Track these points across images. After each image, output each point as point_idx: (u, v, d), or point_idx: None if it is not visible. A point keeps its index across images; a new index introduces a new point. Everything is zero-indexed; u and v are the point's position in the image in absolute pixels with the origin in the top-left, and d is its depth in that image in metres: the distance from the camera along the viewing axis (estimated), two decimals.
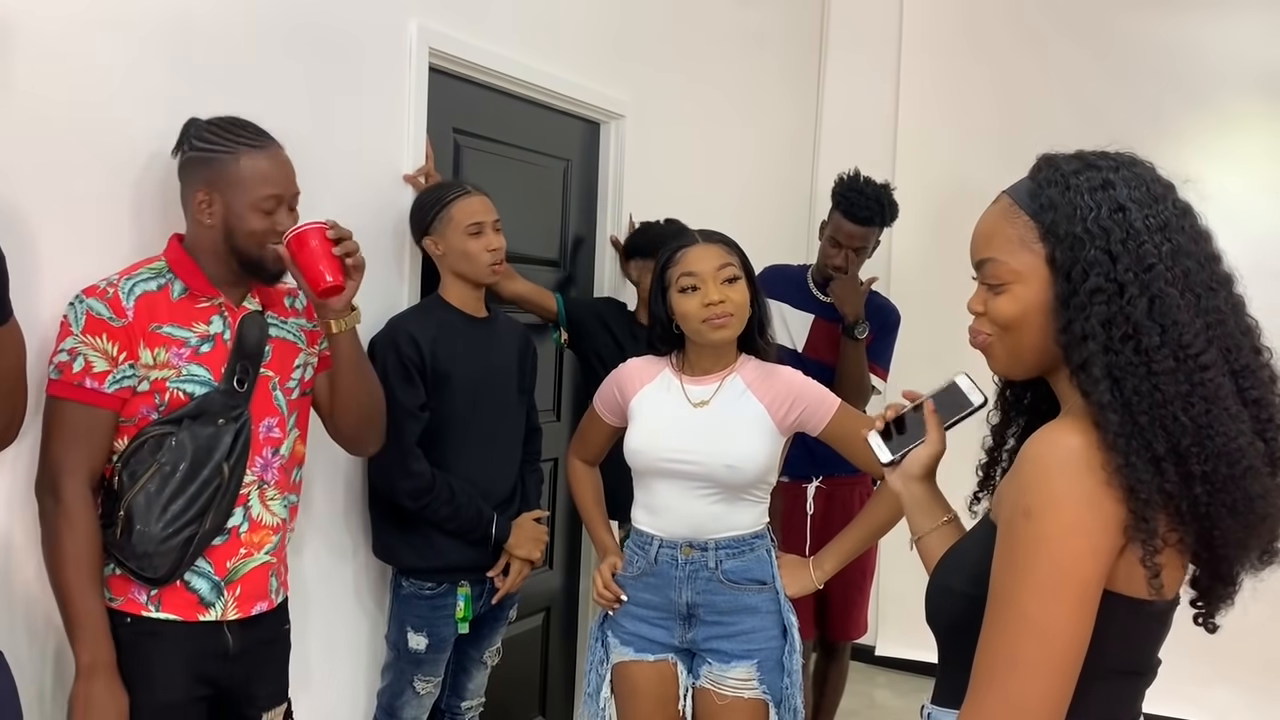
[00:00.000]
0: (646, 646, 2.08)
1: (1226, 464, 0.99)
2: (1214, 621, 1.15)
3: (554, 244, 3.11)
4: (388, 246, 2.46)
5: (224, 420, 1.75)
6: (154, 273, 1.75)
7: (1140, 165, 1.11)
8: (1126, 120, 3.75)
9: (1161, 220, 1.05)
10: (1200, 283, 1.04)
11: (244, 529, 1.80)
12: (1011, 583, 1.03)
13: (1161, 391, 1.00)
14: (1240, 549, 1.04)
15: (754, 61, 4.06)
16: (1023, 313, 1.11)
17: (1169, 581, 1.05)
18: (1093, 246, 1.04)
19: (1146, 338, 1.01)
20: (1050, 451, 1.03)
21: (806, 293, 3.15)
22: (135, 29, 1.87)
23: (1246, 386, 1.03)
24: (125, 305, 1.68)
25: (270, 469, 1.84)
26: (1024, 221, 1.11)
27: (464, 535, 2.27)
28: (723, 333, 2.01)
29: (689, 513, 2.03)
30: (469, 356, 2.32)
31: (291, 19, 2.17)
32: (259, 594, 1.84)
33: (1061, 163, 1.12)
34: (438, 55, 2.53)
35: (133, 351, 1.68)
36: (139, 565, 1.69)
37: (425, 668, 2.31)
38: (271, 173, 1.77)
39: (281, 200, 1.78)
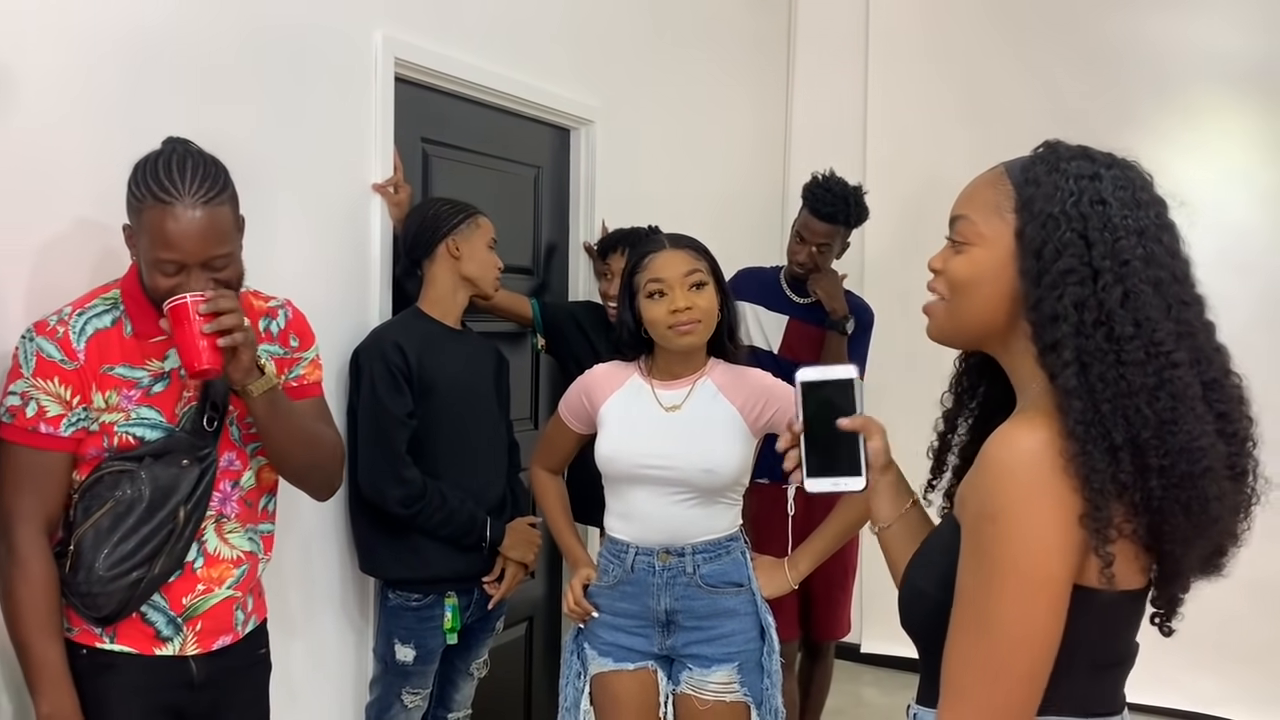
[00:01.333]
0: (625, 655, 2.07)
1: (1186, 461, 0.99)
2: (1169, 625, 1.14)
3: (526, 251, 3.10)
4: (356, 259, 2.44)
5: (188, 461, 1.66)
6: (108, 304, 1.66)
7: (1135, 171, 1.11)
8: (1096, 113, 3.79)
9: (1139, 225, 1.05)
10: (1172, 295, 1.04)
11: (199, 564, 1.71)
12: (978, 588, 1.03)
13: (1128, 381, 1.00)
14: (1187, 548, 1.03)
15: (723, 64, 4.07)
16: (976, 276, 1.11)
17: (1126, 572, 1.04)
18: (1068, 229, 1.04)
19: (1119, 326, 1.01)
20: (1011, 453, 1.03)
21: (780, 294, 3.15)
22: (90, 44, 1.84)
23: (1215, 399, 1.03)
24: (76, 348, 1.60)
25: (229, 502, 1.75)
26: (1005, 190, 1.11)
27: (458, 540, 2.26)
28: (689, 339, 2.00)
29: (666, 518, 2.03)
30: (452, 367, 2.33)
31: (252, 30, 2.14)
32: (221, 629, 1.75)
33: (1061, 148, 1.12)
34: (404, 65, 2.52)
35: (85, 395, 1.61)
36: (84, 603, 1.63)
37: (413, 680, 2.29)
38: (172, 236, 1.55)
39: (185, 264, 1.57)
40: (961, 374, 1.28)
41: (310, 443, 1.80)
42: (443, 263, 2.36)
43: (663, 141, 3.66)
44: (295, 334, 1.86)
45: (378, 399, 2.19)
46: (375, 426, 2.20)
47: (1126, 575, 1.05)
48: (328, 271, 2.37)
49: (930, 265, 1.18)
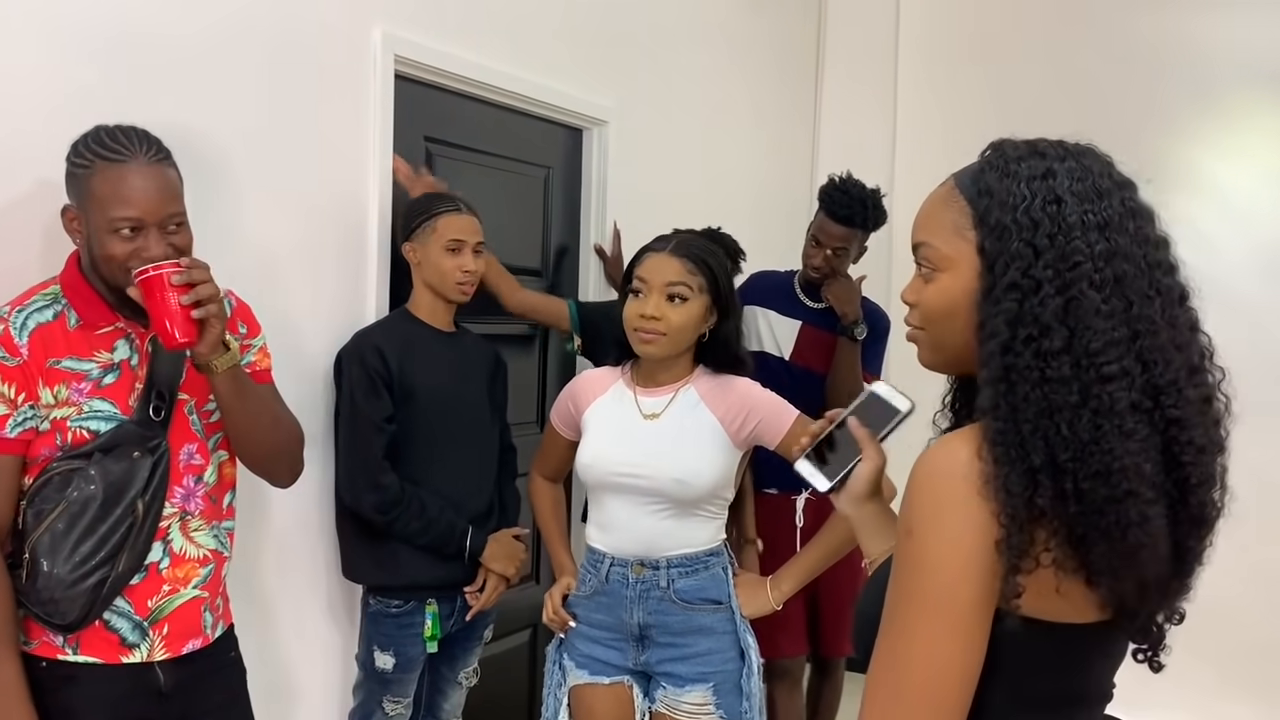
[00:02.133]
0: (601, 669, 2.02)
1: (1104, 484, 0.92)
2: (1158, 660, 1.07)
3: (535, 253, 3.06)
4: (353, 258, 2.42)
5: (139, 453, 1.60)
6: (49, 299, 1.60)
7: (1092, 157, 1.03)
8: (1133, 120, 3.65)
9: (1102, 218, 0.97)
10: (1136, 289, 0.96)
11: (165, 565, 1.66)
12: (894, 605, 0.97)
13: (1050, 400, 0.93)
14: (1116, 578, 0.95)
15: (748, 68, 3.99)
16: (950, 304, 1.04)
17: (1076, 603, 0.97)
18: (1018, 239, 0.97)
19: (1048, 341, 0.94)
20: (933, 465, 0.97)
21: (794, 299, 3.08)
22: (80, 43, 1.83)
23: (1168, 404, 0.95)
24: (19, 343, 1.54)
25: (193, 498, 1.70)
26: (960, 206, 1.04)
27: (437, 549, 2.21)
28: (648, 348, 1.95)
29: (639, 529, 1.97)
30: (436, 371, 2.27)
31: (248, 28, 2.13)
32: (189, 632, 1.70)
33: (1009, 148, 1.05)
34: (404, 62, 2.49)
35: (31, 392, 1.55)
36: (46, 611, 1.57)
37: (394, 688, 2.25)
38: (129, 193, 1.53)
39: (143, 223, 1.55)
40: (955, 392, 1.21)
41: (273, 423, 1.79)
42: (411, 266, 2.32)
43: (682, 144, 3.59)
44: (242, 321, 1.83)
45: (355, 403, 2.15)
46: (352, 431, 2.17)
47: (1055, 608, 0.97)
48: (324, 271, 2.34)
49: (903, 298, 1.12)
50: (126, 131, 1.59)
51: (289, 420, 1.85)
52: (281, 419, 1.83)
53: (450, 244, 2.24)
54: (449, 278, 2.25)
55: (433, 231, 2.26)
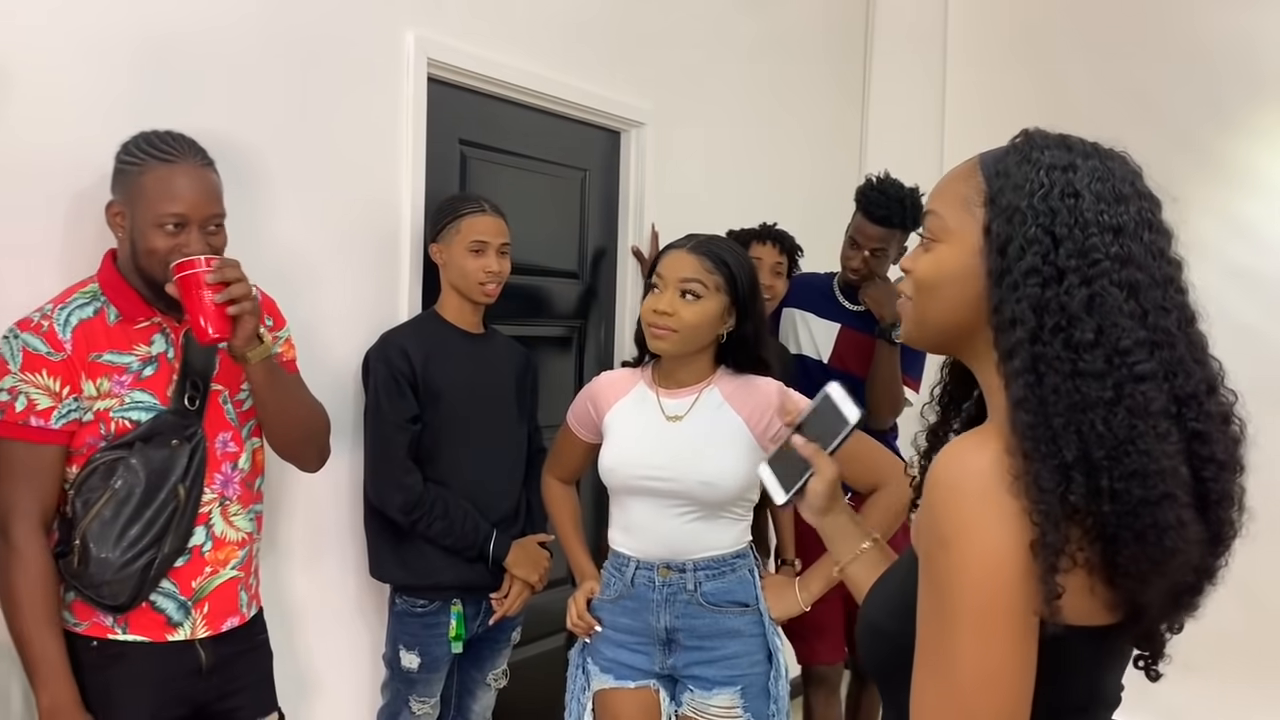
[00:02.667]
0: (626, 673, 2.00)
1: (1140, 485, 0.88)
2: (1155, 669, 1.03)
3: (572, 256, 3.06)
4: (386, 261, 2.44)
5: (177, 441, 1.70)
6: (88, 297, 1.69)
7: (1119, 162, 0.99)
8: (1185, 112, 3.55)
9: (1117, 223, 0.94)
10: (1151, 300, 0.93)
11: (207, 547, 1.77)
12: (936, 623, 0.93)
13: (1083, 394, 0.89)
14: (1143, 582, 0.91)
15: (794, 66, 3.95)
16: (941, 275, 1.01)
17: (1085, 606, 0.93)
18: (1035, 224, 0.94)
19: (1079, 332, 0.91)
20: (958, 471, 0.93)
21: (833, 301, 3.03)
22: (118, 47, 1.88)
23: (1190, 417, 0.92)
24: (62, 338, 1.62)
25: (231, 484, 1.80)
26: (976, 183, 1.01)
27: (460, 551, 2.21)
28: (659, 344, 1.94)
29: (665, 532, 1.95)
30: (462, 373, 2.28)
31: (282, 34, 2.16)
32: (229, 610, 1.80)
33: (1038, 137, 1.02)
34: (437, 65, 2.50)
35: (75, 385, 1.63)
36: (98, 593, 1.66)
37: (419, 688, 2.26)
38: (177, 190, 1.64)
39: (187, 220, 1.65)
40: (945, 384, 1.18)
41: (304, 410, 1.90)
42: (440, 268, 2.34)
43: (721, 145, 3.56)
44: (267, 314, 1.90)
45: (380, 403, 2.17)
46: (377, 431, 2.19)
47: (1086, 610, 0.94)
48: (357, 272, 2.37)
49: (901, 265, 1.11)
50: (176, 136, 1.70)
51: (317, 407, 1.94)
52: (310, 405, 1.92)
53: (474, 245, 2.25)
54: (472, 278, 2.26)
55: (457, 233, 2.27)
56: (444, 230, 2.29)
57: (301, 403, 1.89)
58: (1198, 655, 3.75)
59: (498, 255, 2.28)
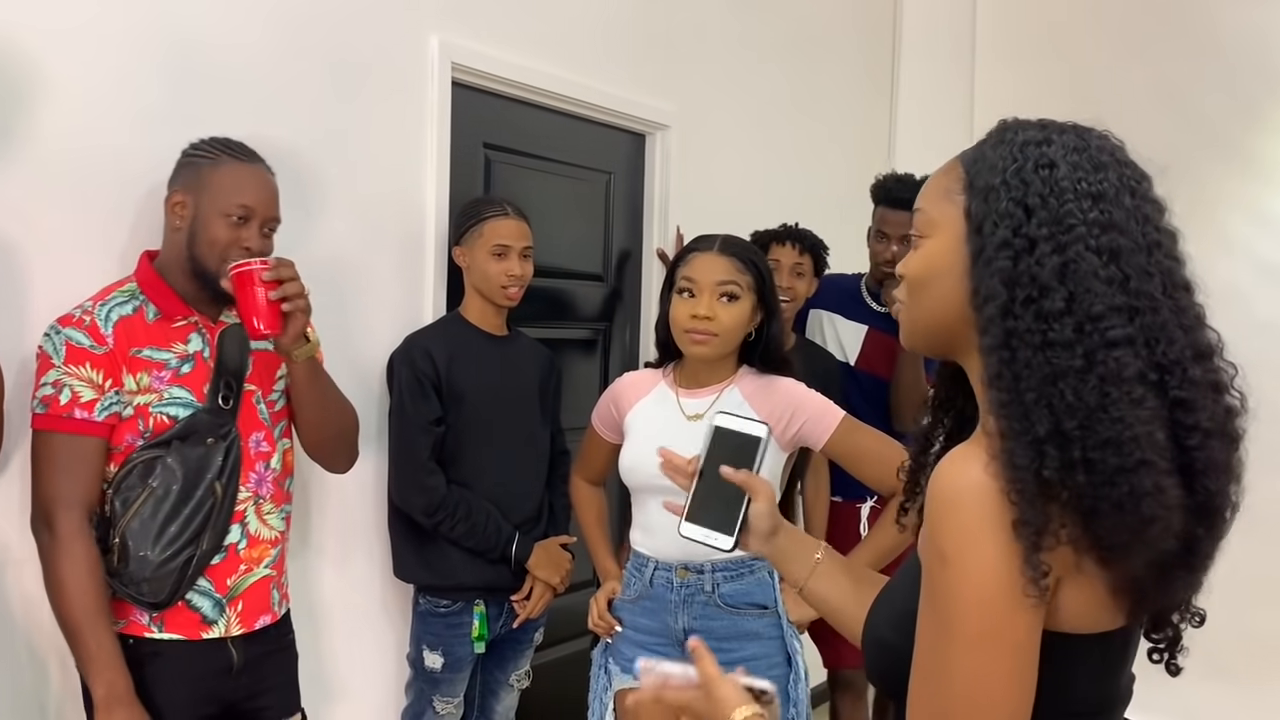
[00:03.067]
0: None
1: (1115, 452, 0.86)
2: (1174, 662, 1.01)
3: (597, 259, 3.06)
4: (411, 264, 2.46)
5: (212, 439, 1.73)
6: (127, 295, 1.72)
7: (1097, 135, 0.98)
8: (1213, 108, 3.52)
9: (1096, 189, 0.92)
10: (1134, 265, 0.90)
11: (242, 545, 1.79)
12: (935, 637, 0.91)
13: (1053, 365, 0.88)
14: (1126, 553, 0.88)
15: (818, 64, 3.93)
16: (928, 270, 1.00)
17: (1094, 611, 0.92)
18: (1008, 198, 0.93)
19: (1049, 301, 0.89)
20: (955, 482, 0.91)
21: (860, 303, 3.02)
22: (142, 53, 1.90)
23: (1173, 385, 0.89)
24: (104, 332, 1.66)
25: (265, 483, 1.83)
26: (956, 173, 1.00)
27: (483, 553, 2.22)
28: (700, 349, 1.92)
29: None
30: (486, 375, 2.29)
31: (309, 40, 2.18)
32: (261, 608, 1.83)
33: (1012, 122, 1.02)
34: (461, 70, 2.52)
35: (117, 378, 1.66)
36: (138, 591, 1.68)
37: (443, 688, 2.27)
38: (248, 185, 1.74)
39: (252, 214, 1.74)
40: (937, 386, 1.16)
41: (340, 409, 1.95)
42: (463, 271, 2.35)
43: (747, 147, 3.56)
44: None
45: (403, 405, 2.19)
46: (401, 432, 2.20)
47: (1090, 616, 0.92)
48: (383, 275, 2.39)
49: (896, 271, 1.10)
50: (242, 144, 1.81)
51: (349, 407, 1.99)
52: (343, 405, 1.97)
53: (496, 249, 2.26)
54: (494, 282, 2.27)
55: (479, 236, 2.28)
56: (467, 233, 2.30)
57: (336, 402, 1.93)
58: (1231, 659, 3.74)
59: (520, 258, 2.28)
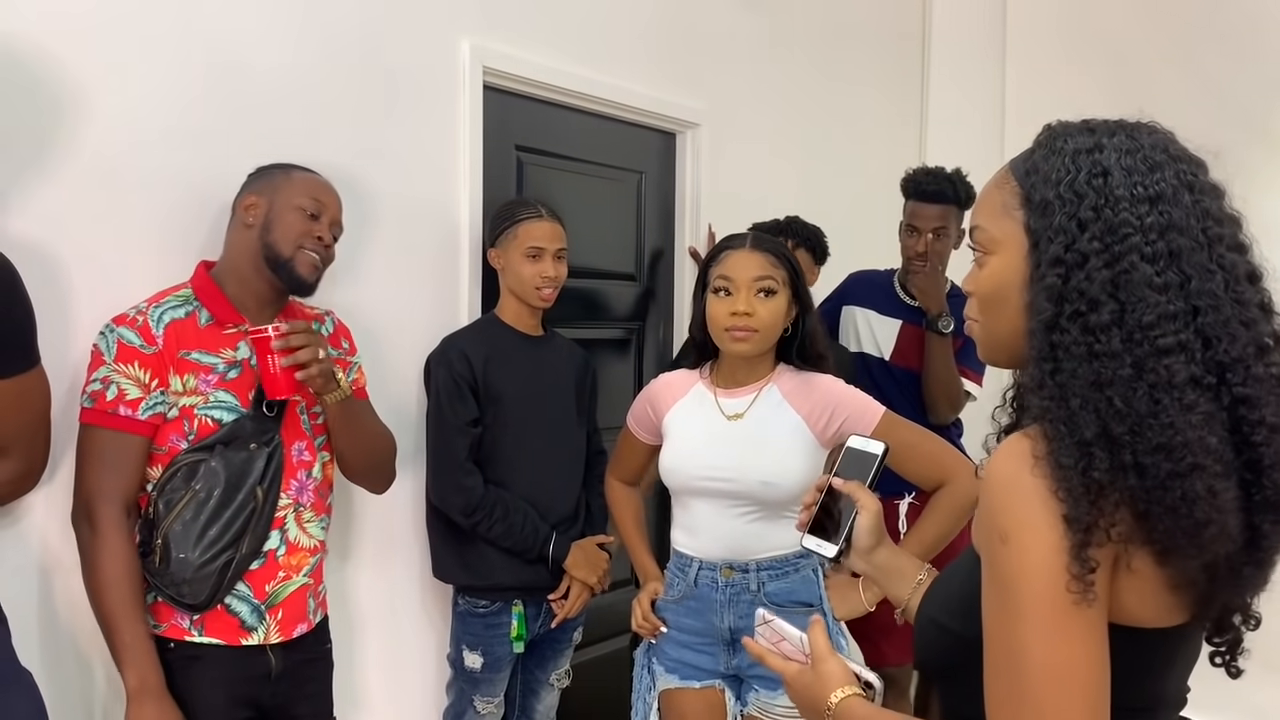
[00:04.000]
0: (692, 674, 1.99)
1: (1167, 458, 0.87)
2: (1235, 665, 1.01)
3: (629, 258, 3.07)
4: (446, 266, 2.47)
5: (255, 445, 1.77)
6: (181, 300, 1.78)
7: (1146, 132, 0.98)
8: (1249, 94, 3.46)
9: (1154, 191, 0.93)
10: (1195, 264, 0.91)
11: (281, 552, 1.82)
12: (1005, 620, 0.92)
13: (1100, 375, 0.89)
14: (1181, 556, 0.89)
15: (848, 62, 3.91)
16: (998, 287, 1.00)
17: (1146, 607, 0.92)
18: (1061, 212, 0.94)
19: (1097, 315, 0.90)
20: (1011, 463, 0.92)
21: (893, 298, 3.00)
22: (181, 65, 1.93)
23: (1235, 382, 0.90)
24: (155, 333, 1.71)
25: (305, 491, 1.86)
26: (1011, 187, 1.01)
27: (520, 553, 2.24)
28: (742, 346, 1.92)
29: (727, 532, 1.94)
30: (522, 375, 2.30)
31: (341, 47, 2.21)
32: (299, 616, 1.85)
33: (1059, 128, 1.01)
34: (493, 73, 2.53)
35: (164, 378, 1.71)
36: (178, 592, 1.71)
37: (483, 688, 2.28)
38: (319, 187, 1.88)
39: (324, 210, 1.86)
40: (1015, 386, 1.17)
41: (373, 443, 2.00)
42: (498, 272, 2.36)
43: (778, 144, 3.55)
44: (345, 338, 2.01)
45: (441, 407, 2.20)
46: (439, 434, 2.22)
47: (1147, 612, 0.93)
48: (418, 279, 2.41)
49: (964, 288, 1.09)
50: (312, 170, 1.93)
51: (385, 435, 2.05)
52: (378, 434, 2.03)
53: (530, 250, 2.27)
54: (529, 284, 2.28)
55: (514, 238, 2.29)
56: (501, 235, 2.32)
57: (371, 434, 1.99)
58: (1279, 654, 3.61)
59: (554, 260, 2.29)
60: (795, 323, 1.98)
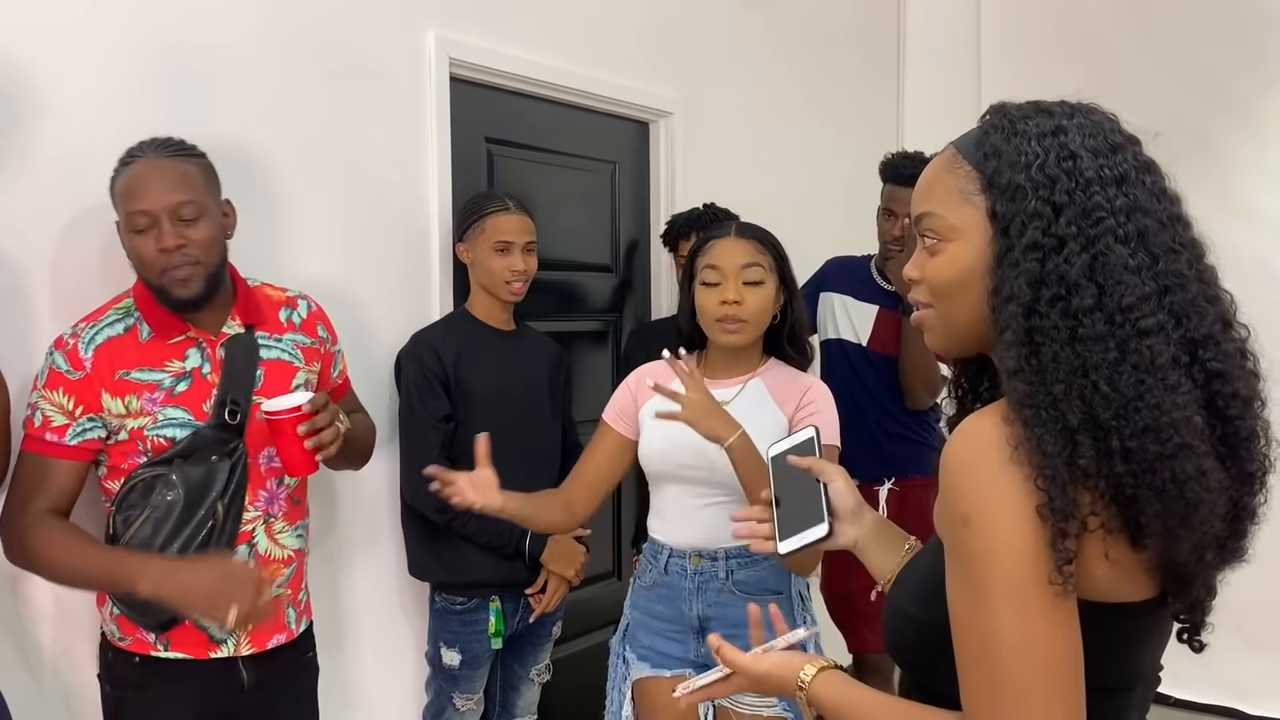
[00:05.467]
0: (663, 661, 1.98)
1: (1155, 440, 0.86)
2: (1199, 640, 1.00)
3: (604, 249, 3.05)
4: (416, 261, 2.45)
5: (217, 457, 1.66)
6: (121, 314, 1.68)
7: (1099, 114, 0.98)
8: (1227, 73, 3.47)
9: (1118, 172, 0.92)
10: (1160, 243, 0.91)
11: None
12: (972, 605, 0.91)
13: (1084, 359, 0.88)
14: (1171, 539, 0.88)
15: (823, 52, 3.89)
16: (959, 275, 0.98)
17: (1123, 582, 0.91)
18: (1035, 197, 0.92)
19: (1078, 299, 0.89)
20: (970, 444, 0.92)
21: (870, 284, 2.99)
22: (135, 62, 1.90)
23: (1208, 357, 0.90)
24: (84, 357, 1.62)
25: (276, 500, 1.76)
26: (965, 171, 0.98)
27: (496, 549, 2.22)
28: (732, 337, 1.91)
29: (696, 520, 1.93)
30: (494, 370, 2.28)
31: (304, 38, 2.18)
32: (275, 627, 1.77)
33: (1012, 109, 1.00)
34: (459, 65, 2.50)
35: (91, 404, 1.62)
36: (139, 611, 1.63)
37: (462, 684, 2.27)
38: (136, 186, 1.61)
39: (154, 216, 1.60)
40: (959, 375, 1.15)
41: (362, 444, 1.97)
42: (468, 267, 2.34)
43: (753, 133, 3.53)
44: (322, 325, 1.92)
45: (412, 403, 2.19)
46: (410, 430, 2.20)
47: (1117, 586, 0.92)
48: (388, 273, 2.39)
49: (906, 274, 1.07)
50: (152, 140, 1.68)
51: (370, 429, 2.02)
52: (365, 431, 2.00)
53: (498, 244, 2.25)
54: (498, 278, 2.26)
55: (481, 232, 2.27)
56: (469, 230, 2.30)
57: (361, 439, 1.95)
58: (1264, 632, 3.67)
59: (524, 253, 2.27)
60: (783, 309, 1.97)
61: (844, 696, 1.06)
